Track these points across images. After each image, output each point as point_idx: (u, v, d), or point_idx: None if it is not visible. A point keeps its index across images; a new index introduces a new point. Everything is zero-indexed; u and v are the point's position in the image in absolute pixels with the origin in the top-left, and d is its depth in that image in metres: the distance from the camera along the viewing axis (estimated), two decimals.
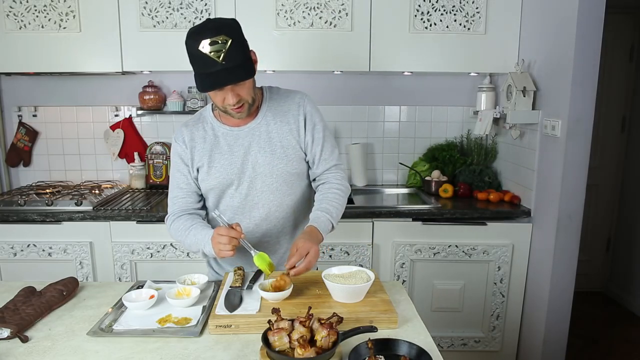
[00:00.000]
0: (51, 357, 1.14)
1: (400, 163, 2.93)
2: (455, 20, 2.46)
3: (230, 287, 1.40)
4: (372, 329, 1.13)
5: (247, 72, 1.34)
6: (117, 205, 2.42)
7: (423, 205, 2.51)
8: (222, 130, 1.53)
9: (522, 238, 2.39)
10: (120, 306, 1.37)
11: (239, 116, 1.45)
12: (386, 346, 1.11)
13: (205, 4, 2.41)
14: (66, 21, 2.42)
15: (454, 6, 2.44)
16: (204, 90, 1.34)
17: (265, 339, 1.08)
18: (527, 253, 2.40)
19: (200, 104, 2.75)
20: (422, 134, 2.95)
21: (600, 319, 3.25)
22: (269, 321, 1.11)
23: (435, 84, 2.89)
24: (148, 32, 2.43)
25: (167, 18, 2.42)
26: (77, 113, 2.88)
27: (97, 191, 2.58)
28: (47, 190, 2.59)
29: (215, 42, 1.27)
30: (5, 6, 2.40)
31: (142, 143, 2.89)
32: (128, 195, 2.64)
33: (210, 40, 1.27)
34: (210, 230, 1.44)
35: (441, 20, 2.46)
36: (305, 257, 1.36)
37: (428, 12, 2.45)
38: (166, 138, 2.88)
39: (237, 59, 1.30)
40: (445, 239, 2.39)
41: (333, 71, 2.59)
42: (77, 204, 2.36)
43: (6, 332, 1.21)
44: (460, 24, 2.46)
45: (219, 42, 1.27)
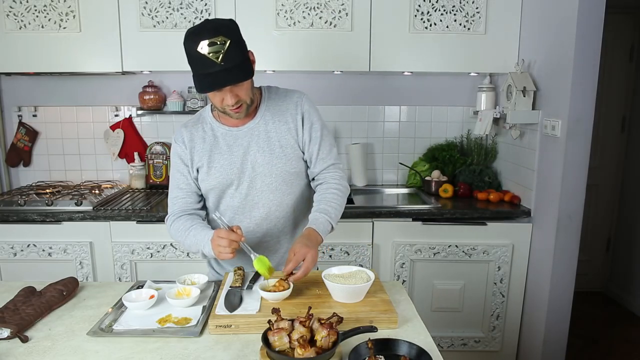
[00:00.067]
0: (51, 357, 1.14)
1: (400, 163, 2.93)
2: (455, 20, 2.46)
3: (230, 287, 1.40)
4: (372, 329, 1.13)
5: (245, 72, 1.35)
6: (117, 205, 2.42)
7: (423, 205, 2.51)
8: (221, 131, 1.53)
9: (522, 238, 2.39)
10: (120, 306, 1.37)
11: (237, 116, 1.45)
12: (386, 346, 1.11)
13: (205, 4, 2.41)
14: (66, 21, 2.42)
15: (454, 6, 2.44)
16: (203, 91, 1.34)
17: (265, 339, 1.08)
18: (527, 253, 2.40)
19: (200, 104, 2.75)
20: (422, 134, 2.95)
21: (600, 319, 3.25)
22: (269, 321, 1.11)
23: (435, 84, 2.89)
24: (148, 32, 2.43)
25: (167, 18, 2.42)
26: (77, 113, 2.88)
27: (97, 191, 2.58)
28: (47, 190, 2.59)
29: (214, 43, 1.27)
30: (5, 6, 2.40)
31: (142, 143, 2.89)
32: (128, 195, 2.64)
33: (208, 41, 1.27)
34: (209, 231, 1.44)
35: (441, 20, 2.46)
36: (303, 262, 1.35)
37: (428, 12, 2.45)
38: (166, 138, 2.88)
39: (236, 60, 1.30)
40: (445, 239, 2.39)
41: (333, 71, 2.59)
42: (77, 204, 2.37)
43: (6, 332, 1.21)
44: (460, 24, 2.46)
45: (218, 43, 1.27)
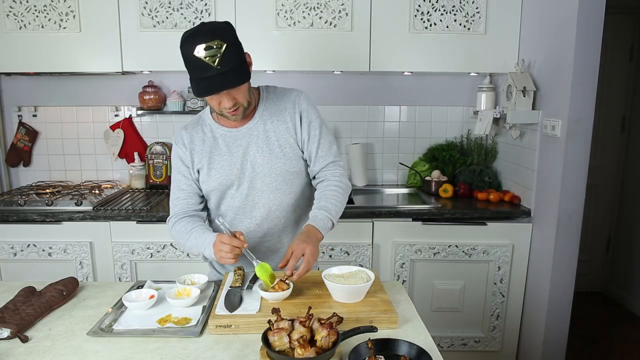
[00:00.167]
0: (51, 357, 1.14)
1: (400, 163, 2.93)
2: (455, 20, 2.46)
3: (230, 287, 1.40)
4: (372, 329, 1.12)
5: (242, 76, 1.35)
6: (117, 205, 2.42)
7: (423, 205, 2.51)
8: (220, 132, 1.53)
9: (522, 238, 2.39)
10: (120, 306, 1.37)
11: (235, 119, 1.46)
12: (386, 346, 1.11)
13: (205, 4, 2.41)
14: (66, 21, 2.42)
15: (454, 6, 2.44)
16: (200, 95, 1.35)
17: (265, 339, 1.08)
18: (527, 253, 2.40)
19: (200, 104, 2.74)
20: (422, 134, 2.95)
21: (600, 319, 3.25)
22: (269, 321, 1.11)
23: (435, 84, 2.89)
24: (148, 32, 2.43)
25: (167, 18, 2.42)
26: (77, 113, 2.88)
27: (97, 191, 2.58)
28: (47, 190, 2.59)
29: (210, 47, 1.27)
30: (5, 6, 2.40)
31: (142, 143, 2.89)
32: (128, 195, 2.64)
33: (205, 45, 1.27)
34: (211, 233, 1.44)
35: (441, 20, 2.46)
36: (303, 258, 1.35)
37: (428, 12, 2.45)
38: (166, 138, 2.88)
39: (232, 63, 1.30)
40: (445, 239, 2.39)
41: (333, 71, 2.59)
42: (77, 204, 2.36)
43: (6, 332, 1.21)
44: (460, 24, 2.46)
45: (214, 46, 1.27)
